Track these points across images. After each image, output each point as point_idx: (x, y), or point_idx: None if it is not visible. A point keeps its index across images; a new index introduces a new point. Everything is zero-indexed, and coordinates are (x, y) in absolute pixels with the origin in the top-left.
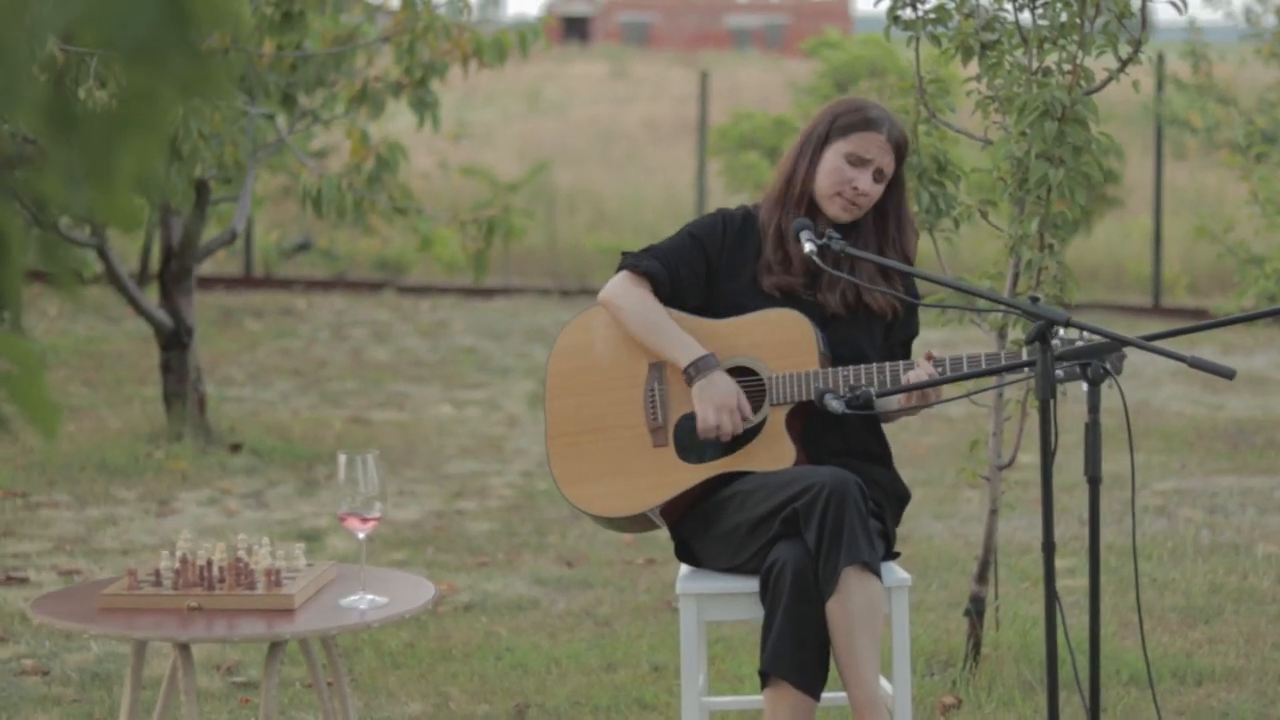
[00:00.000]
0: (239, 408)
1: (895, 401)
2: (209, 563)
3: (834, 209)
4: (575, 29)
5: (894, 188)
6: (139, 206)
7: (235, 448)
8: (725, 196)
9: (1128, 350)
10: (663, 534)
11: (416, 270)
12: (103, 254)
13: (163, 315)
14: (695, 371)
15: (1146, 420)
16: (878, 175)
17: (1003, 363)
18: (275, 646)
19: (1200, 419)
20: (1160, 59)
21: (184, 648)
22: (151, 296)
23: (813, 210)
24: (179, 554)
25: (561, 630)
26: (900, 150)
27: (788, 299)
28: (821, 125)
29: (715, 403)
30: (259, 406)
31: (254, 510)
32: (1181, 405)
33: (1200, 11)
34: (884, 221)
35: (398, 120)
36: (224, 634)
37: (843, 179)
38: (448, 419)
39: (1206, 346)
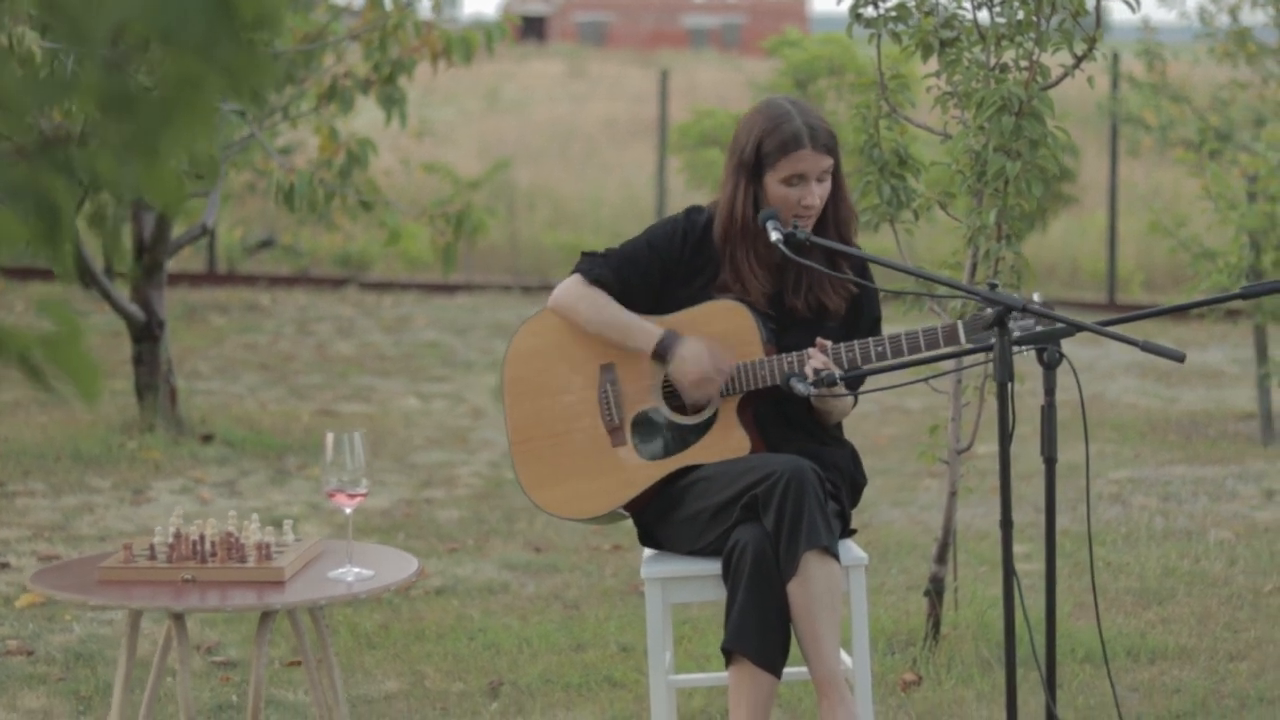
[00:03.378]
0: (208, 400)
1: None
2: (201, 537)
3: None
4: (532, 28)
5: (834, 175)
6: (182, 183)
7: (207, 438)
8: (686, 193)
9: (1084, 341)
10: (628, 521)
11: (379, 267)
12: (75, 249)
13: (134, 309)
14: (662, 354)
15: (1101, 412)
16: (821, 177)
17: (939, 337)
18: (266, 617)
19: (1154, 411)
20: (1115, 58)
21: (178, 618)
22: (121, 291)
23: (764, 236)
24: (172, 529)
25: (531, 612)
26: (830, 147)
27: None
28: (749, 151)
29: (691, 379)
30: (228, 399)
31: (227, 499)
32: (1135, 398)
33: (1154, 11)
34: (823, 208)
35: (361, 117)
36: (217, 604)
37: (791, 202)
38: (414, 411)
39: (1161, 341)
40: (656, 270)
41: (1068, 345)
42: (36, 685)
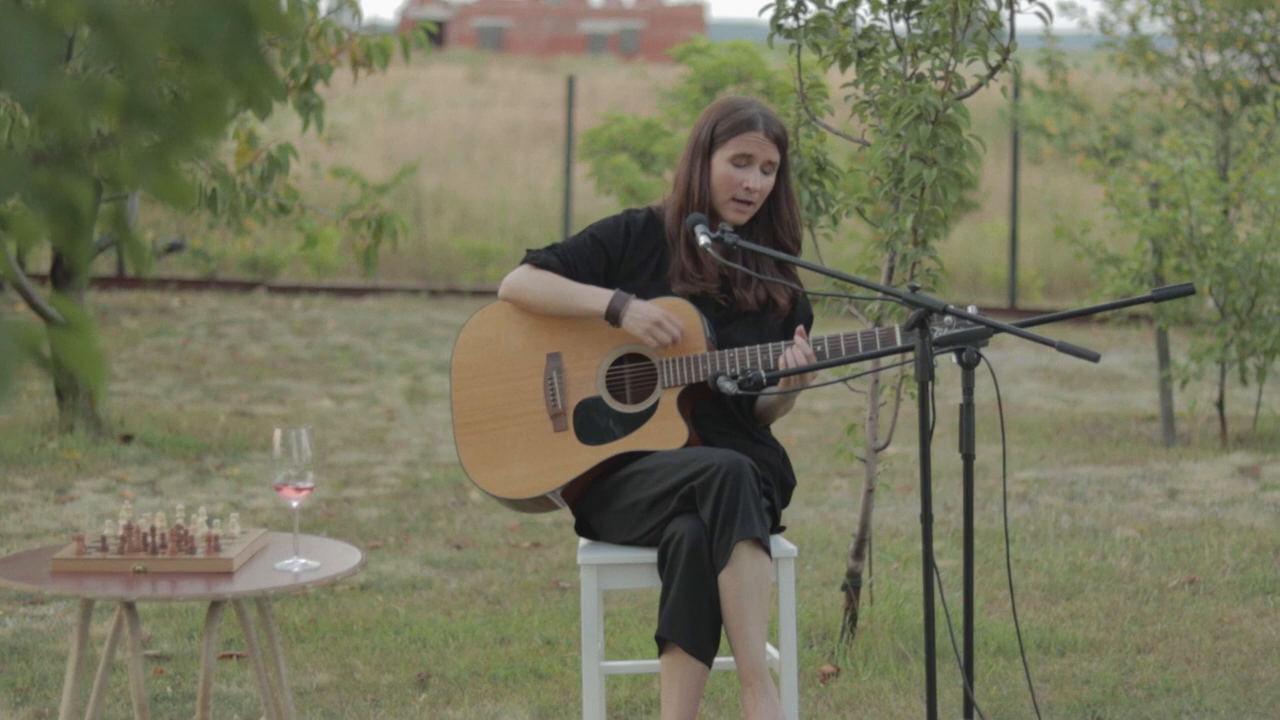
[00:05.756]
0: (125, 402)
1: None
2: (152, 529)
3: (730, 213)
4: (430, 33)
5: (782, 174)
6: (190, 187)
7: (126, 439)
8: (594, 199)
9: (989, 346)
10: (547, 519)
11: (286, 271)
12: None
13: (54, 310)
14: (616, 313)
15: (1007, 414)
16: (765, 168)
17: (876, 340)
18: (215, 606)
19: (1058, 413)
20: (1018, 66)
21: (130, 607)
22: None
23: (713, 216)
24: (122, 521)
25: (455, 607)
26: (781, 141)
27: (699, 301)
28: (705, 133)
29: (644, 327)
30: (144, 400)
31: (149, 498)
32: (1040, 400)
33: (1056, 20)
34: (775, 205)
35: (266, 122)
36: (168, 593)
37: (734, 183)
38: (329, 412)
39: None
40: (601, 262)
41: None
42: None
